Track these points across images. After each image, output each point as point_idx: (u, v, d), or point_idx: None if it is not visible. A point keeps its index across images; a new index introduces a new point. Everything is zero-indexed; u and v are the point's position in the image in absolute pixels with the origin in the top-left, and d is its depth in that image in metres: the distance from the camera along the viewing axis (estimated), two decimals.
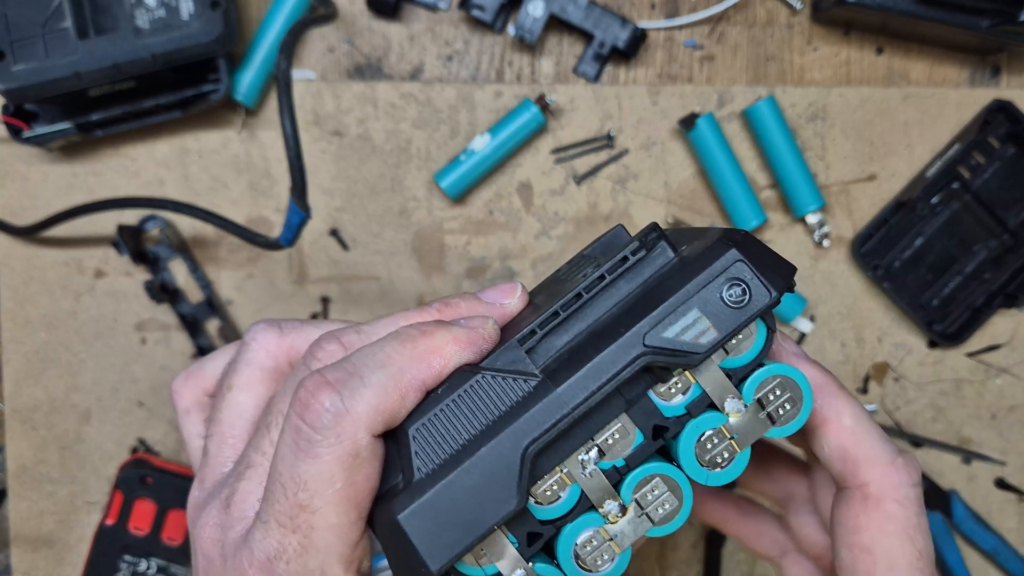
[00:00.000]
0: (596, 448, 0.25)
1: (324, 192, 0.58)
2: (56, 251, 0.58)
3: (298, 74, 0.57)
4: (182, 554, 0.56)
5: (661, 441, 0.26)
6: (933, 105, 0.58)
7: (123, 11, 0.50)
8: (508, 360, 0.25)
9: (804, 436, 0.29)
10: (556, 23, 0.57)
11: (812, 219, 0.57)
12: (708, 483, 0.26)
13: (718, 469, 0.26)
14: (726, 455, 0.26)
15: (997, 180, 0.57)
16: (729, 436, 0.26)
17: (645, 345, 0.24)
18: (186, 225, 0.58)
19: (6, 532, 0.59)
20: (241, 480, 0.27)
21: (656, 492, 0.26)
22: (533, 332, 0.25)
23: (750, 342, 0.26)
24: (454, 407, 0.25)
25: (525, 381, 0.25)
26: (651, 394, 0.26)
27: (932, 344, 0.59)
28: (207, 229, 0.58)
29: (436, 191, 0.58)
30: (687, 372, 0.26)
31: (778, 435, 0.26)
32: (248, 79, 0.56)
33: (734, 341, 0.26)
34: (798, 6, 0.58)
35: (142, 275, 0.58)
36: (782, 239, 0.59)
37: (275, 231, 0.57)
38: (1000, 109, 0.57)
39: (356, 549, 0.26)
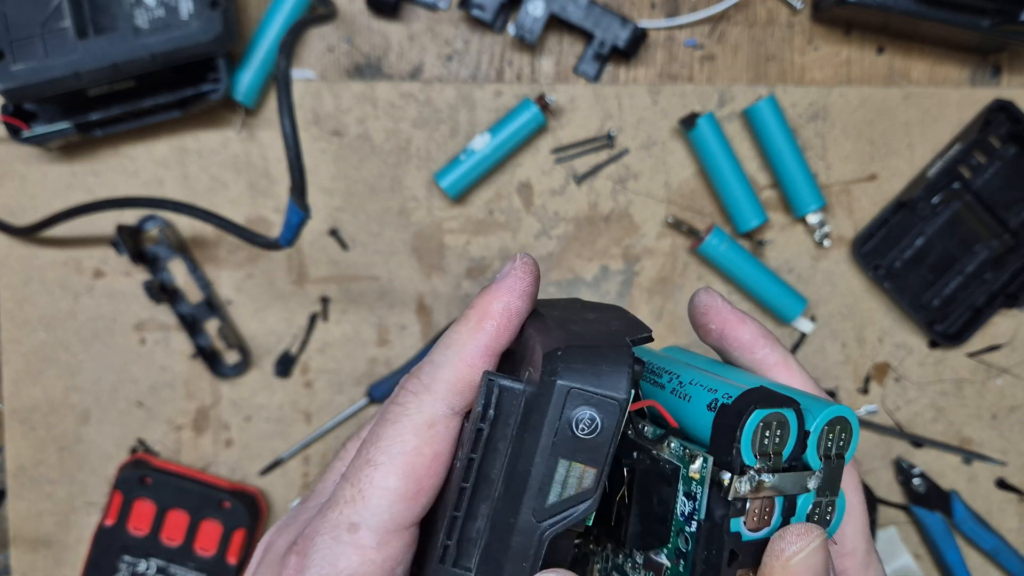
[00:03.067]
0: None
1: (324, 192, 0.58)
2: (55, 251, 0.58)
3: (298, 74, 0.57)
4: (181, 554, 0.56)
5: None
6: (934, 105, 0.58)
7: (122, 11, 0.50)
8: None
9: None
10: (556, 22, 0.57)
11: (813, 219, 0.57)
12: (830, 535, 0.26)
13: (830, 524, 0.26)
14: (829, 509, 0.26)
15: (998, 180, 0.57)
16: (823, 497, 0.26)
17: (537, 521, 0.24)
18: (185, 225, 0.58)
19: (5, 533, 0.59)
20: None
21: None
22: (446, 547, 0.25)
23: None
24: None
25: None
26: (742, 529, 0.25)
27: (933, 344, 0.59)
28: (206, 229, 0.58)
29: (436, 191, 0.58)
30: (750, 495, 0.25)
31: (847, 461, 0.26)
32: (247, 79, 0.55)
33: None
34: (799, 5, 0.58)
35: (141, 275, 0.58)
36: (782, 239, 0.59)
37: (274, 231, 0.57)
38: (1001, 109, 0.56)
39: (401, 534, 0.25)
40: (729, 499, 0.24)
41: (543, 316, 0.27)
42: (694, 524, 0.25)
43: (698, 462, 0.25)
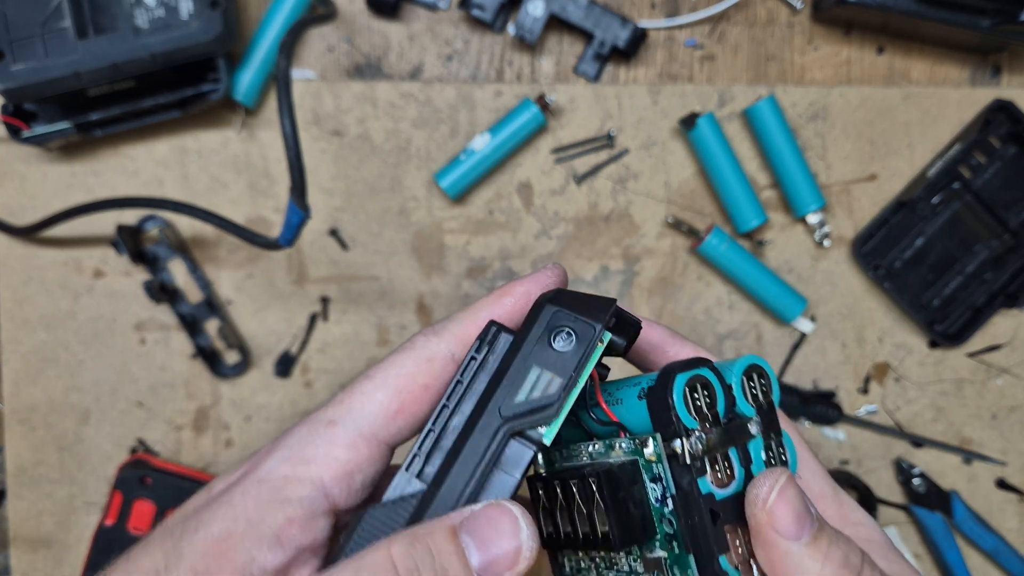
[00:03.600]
0: None
1: (324, 192, 0.58)
2: (55, 251, 0.58)
3: (298, 74, 0.57)
4: None
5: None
6: (934, 105, 0.58)
7: (122, 11, 0.50)
8: (397, 489, 0.27)
9: None
10: (556, 22, 0.57)
11: (813, 219, 0.57)
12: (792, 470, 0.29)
13: (786, 462, 0.29)
14: (780, 449, 0.29)
15: (998, 180, 0.57)
16: (771, 440, 0.28)
17: (503, 417, 0.26)
18: (185, 225, 0.58)
19: (5, 532, 0.59)
20: None
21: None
22: (415, 456, 0.27)
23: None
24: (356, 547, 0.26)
25: (412, 498, 0.26)
26: (711, 488, 0.27)
27: (933, 344, 0.59)
28: (206, 229, 0.58)
29: (436, 191, 0.58)
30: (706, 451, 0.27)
31: (776, 402, 0.29)
32: (247, 79, 0.55)
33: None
34: (799, 5, 0.58)
35: (141, 275, 0.58)
36: (782, 239, 0.59)
37: (274, 231, 0.57)
38: (1001, 109, 0.56)
39: (369, 444, 0.27)
40: (687, 463, 0.26)
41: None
42: (670, 502, 0.27)
43: (650, 445, 0.27)
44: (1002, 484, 0.60)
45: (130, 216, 0.57)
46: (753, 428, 0.28)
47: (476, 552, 0.25)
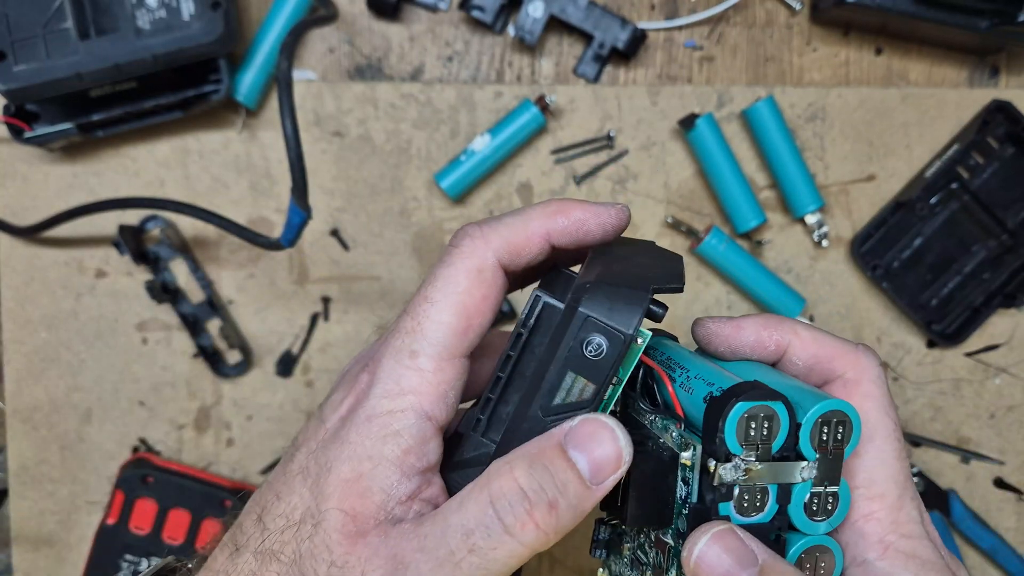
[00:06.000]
0: None
1: (325, 192, 0.58)
2: (57, 251, 0.58)
3: (299, 74, 0.57)
4: (183, 553, 0.56)
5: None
6: (932, 105, 0.58)
7: (124, 12, 0.51)
8: (472, 447, 0.29)
9: (777, 366, 0.32)
10: (556, 23, 0.57)
11: (811, 219, 0.57)
12: (832, 527, 0.28)
13: (832, 514, 0.28)
14: (832, 500, 0.28)
15: (996, 180, 0.58)
16: (822, 487, 0.27)
17: (544, 416, 0.28)
18: (187, 225, 0.58)
19: (7, 532, 0.59)
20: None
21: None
22: (479, 419, 0.29)
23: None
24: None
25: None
26: (732, 513, 0.27)
27: (931, 344, 0.59)
28: (208, 229, 0.58)
29: (436, 191, 0.58)
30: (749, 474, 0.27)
31: (847, 455, 0.28)
32: (249, 79, 0.56)
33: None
34: (797, 7, 0.58)
35: (143, 275, 0.58)
36: (781, 239, 0.59)
37: (276, 231, 0.57)
38: (999, 109, 0.57)
39: (453, 362, 0.29)
40: (715, 484, 0.26)
41: (604, 251, 0.31)
42: (687, 508, 0.28)
43: (690, 451, 0.28)
44: (1000, 483, 0.60)
45: (132, 216, 0.57)
46: (804, 472, 0.27)
47: (584, 461, 0.26)
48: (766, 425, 0.26)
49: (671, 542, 0.29)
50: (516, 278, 0.32)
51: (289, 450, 0.31)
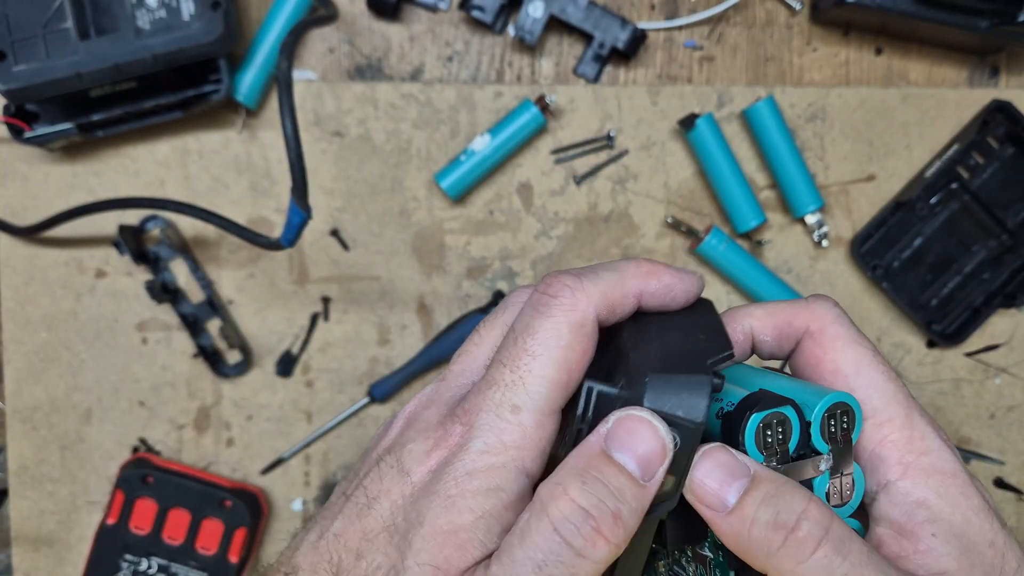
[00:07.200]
0: None
1: (325, 192, 0.58)
2: (57, 251, 0.58)
3: (299, 74, 0.58)
4: (183, 553, 0.56)
5: None
6: (932, 105, 0.58)
7: (124, 12, 0.51)
8: None
9: (755, 351, 0.33)
10: (556, 24, 0.57)
11: (811, 219, 0.57)
12: (853, 510, 0.29)
13: (850, 498, 0.29)
14: (848, 485, 0.29)
15: (996, 180, 0.58)
16: (839, 475, 0.29)
17: None
18: (187, 225, 0.58)
19: (7, 532, 0.59)
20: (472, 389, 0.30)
21: None
22: None
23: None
24: None
25: None
26: None
27: (931, 344, 0.59)
28: (208, 229, 0.58)
29: (436, 191, 0.58)
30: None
31: (855, 440, 0.29)
32: (249, 79, 0.56)
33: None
34: (797, 7, 0.58)
35: (143, 275, 0.58)
36: (781, 239, 0.59)
37: (276, 231, 0.57)
38: (999, 109, 0.57)
39: (553, 416, 0.28)
40: None
41: (641, 318, 0.30)
42: None
43: None
44: (1000, 483, 0.60)
45: (132, 216, 0.57)
46: (822, 465, 0.28)
47: (631, 461, 0.26)
48: (780, 430, 0.28)
49: (710, 554, 0.29)
50: None
51: (357, 497, 0.30)
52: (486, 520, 0.27)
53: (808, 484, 0.28)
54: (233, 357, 0.59)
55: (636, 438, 0.26)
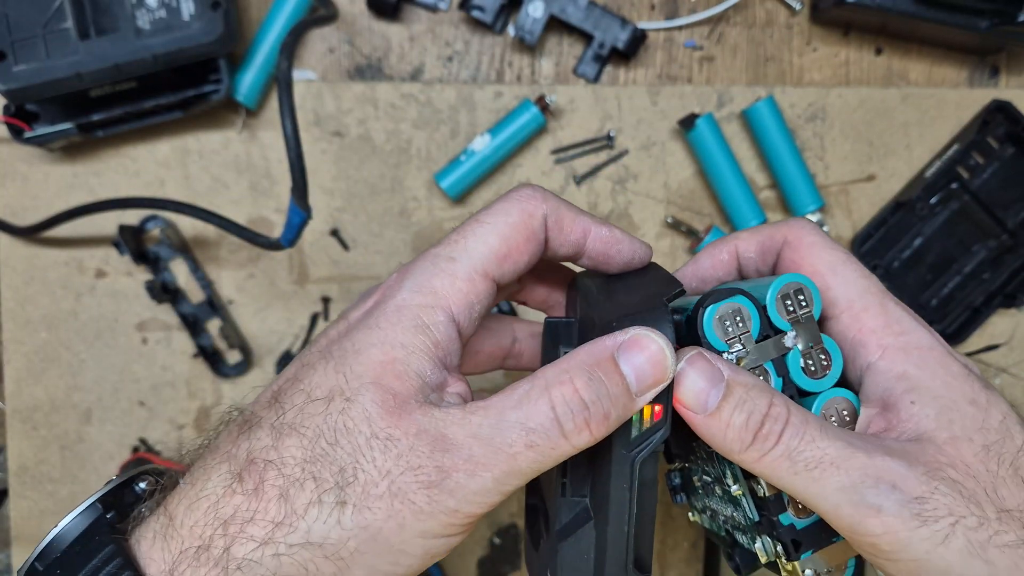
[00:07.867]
0: None
1: (325, 192, 0.58)
2: (57, 251, 0.58)
3: (299, 74, 0.58)
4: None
5: None
6: (932, 105, 0.59)
7: (124, 12, 0.51)
8: (567, 510, 0.31)
9: (741, 270, 0.36)
10: (556, 24, 0.57)
11: (811, 219, 0.57)
12: (835, 380, 0.31)
13: (829, 368, 0.31)
14: (824, 357, 0.31)
15: (996, 180, 0.58)
16: (811, 350, 0.31)
17: (630, 453, 0.29)
18: (187, 225, 0.58)
19: (7, 532, 0.59)
20: None
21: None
22: (564, 483, 0.31)
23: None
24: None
25: (587, 523, 0.30)
26: None
27: None
28: (208, 229, 0.58)
29: (436, 191, 0.58)
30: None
31: (816, 315, 0.31)
32: (249, 79, 0.56)
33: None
34: (797, 7, 0.58)
35: (143, 275, 0.58)
36: None
37: (276, 231, 0.57)
38: (999, 109, 0.57)
39: (484, 280, 0.30)
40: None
41: (588, 285, 0.34)
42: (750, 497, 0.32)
43: (732, 483, 0.32)
44: None
45: (132, 216, 0.57)
46: (787, 341, 0.31)
47: (631, 372, 0.28)
48: (738, 319, 0.30)
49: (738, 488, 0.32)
50: (521, 278, 0.35)
51: (301, 352, 0.32)
52: (418, 355, 0.29)
53: (782, 362, 0.31)
54: (233, 357, 0.59)
55: (644, 354, 0.28)
